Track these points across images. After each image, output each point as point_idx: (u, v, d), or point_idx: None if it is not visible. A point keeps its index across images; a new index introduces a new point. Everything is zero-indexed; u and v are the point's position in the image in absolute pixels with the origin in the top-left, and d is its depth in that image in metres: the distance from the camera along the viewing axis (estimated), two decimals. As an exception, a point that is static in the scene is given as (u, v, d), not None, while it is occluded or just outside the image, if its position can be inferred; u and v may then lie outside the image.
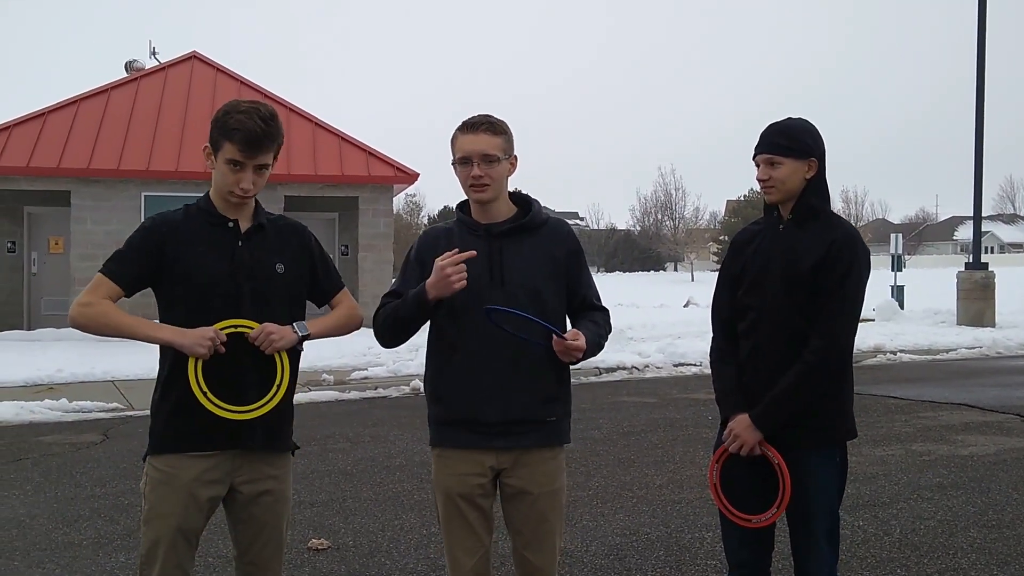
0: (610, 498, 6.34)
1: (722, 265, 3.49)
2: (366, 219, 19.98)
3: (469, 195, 3.15)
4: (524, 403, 3.11)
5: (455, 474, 3.15)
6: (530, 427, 3.13)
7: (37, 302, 19.80)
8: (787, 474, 3.16)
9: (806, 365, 3.12)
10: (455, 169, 3.15)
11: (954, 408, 9.99)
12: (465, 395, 3.10)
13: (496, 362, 3.07)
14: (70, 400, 10.43)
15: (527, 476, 3.15)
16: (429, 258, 3.09)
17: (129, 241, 3.04)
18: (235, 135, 2.92)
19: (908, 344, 16.33)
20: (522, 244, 3.16)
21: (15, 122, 18.92)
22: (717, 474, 3.34)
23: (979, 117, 20.29)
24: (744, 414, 3.22)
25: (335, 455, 7.79)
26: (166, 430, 3.01)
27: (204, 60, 22.01)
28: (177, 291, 3.00)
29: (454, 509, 3.16)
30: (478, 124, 3.11)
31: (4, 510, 6.20)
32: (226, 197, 3.03)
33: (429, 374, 3.23)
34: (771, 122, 3.30)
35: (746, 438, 3.20)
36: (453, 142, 3.14)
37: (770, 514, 3.22)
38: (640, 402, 10.70)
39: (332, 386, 11.96)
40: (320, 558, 5.17)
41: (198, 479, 2.99)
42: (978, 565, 4.92)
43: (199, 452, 2.99)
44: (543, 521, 3.18)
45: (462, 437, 3.13)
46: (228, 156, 2.95)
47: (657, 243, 76.13)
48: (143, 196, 18.71)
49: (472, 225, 3.17)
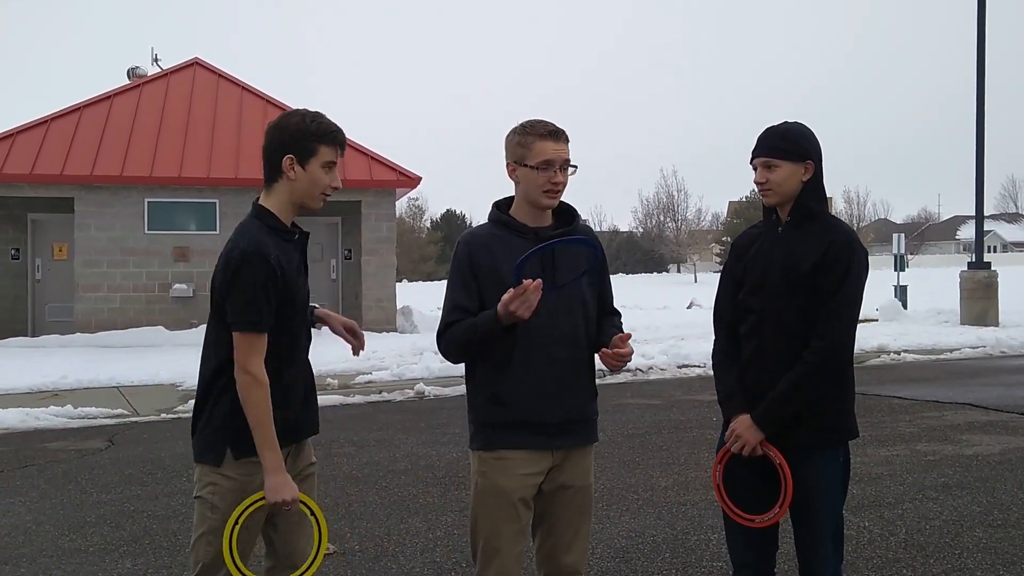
0: (615, 500, 6.34)
1: (724, 267, 3.53)
2: (369, 223, 20.00)
3: (541, 200, 3.15)
4: (579, 402, 3.23)
5: (516, 475, 3.15)
6: (581, 425, 3.26)
7: (41, 309, 19.85)
8: (789, 474, 3.18)
9: (807, 365, 3.15)
10: (520, 171, 3.15)
11: (958, 408, 9.98)
12: (529, 397, 3.13)
13: (553, 365, 3.14)
14: (75, 406, 10.43)
15: (569, 471, 3.24)
16: (485, 264, 3.14)
17: (248, 285, 2.92)
18: (336, 136, 3.05)
19: (912, 344, 16.32)
20: (568, 249, 3.19)
21: (19, 129, 18.99)
22: (720, 474, 3.36)
23: (980, 116, 20.28)
24: (746, 414, 3.25)
25: (340, 459, 7.79)
26: (247, 435, 2.94)
27: (206, 66, 22.06)
28: (285, 315, 3.03)
29: (511, 512, 3.16)
30: (560, 132, 3.16)
31: (10, 517, 6.22)
32: (314, 202, 3.09)
33: (485, 377, 3.19)
34: (767, 126, 3.34)
35: (748, 438, 3.22)
36: (527, 145, 3.13)
37: (772, 513, 3.24)
38: (644, 404, 10.70)
39: (336, 390, 11.98)
40: (326, 563, 5.16)
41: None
42: (984, 565, 4.92)
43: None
44: (579, 514, 3.28)
45: (526, 439, 3.15)
46: (327, 159, 3.04)
47: (660, 245, 76.12)
48: (146, 202, 18.77)
49: (520, 228, 3.19)
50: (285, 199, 3.08)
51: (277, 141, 3.04)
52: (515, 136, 3.18)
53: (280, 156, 3.03)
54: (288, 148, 3.02)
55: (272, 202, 3.08)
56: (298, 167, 3.02)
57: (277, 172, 3.05)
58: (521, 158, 3.14)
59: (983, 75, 20.21)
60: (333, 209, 20.66)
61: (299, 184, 3.05)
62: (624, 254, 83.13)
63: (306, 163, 3.02)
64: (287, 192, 3.07)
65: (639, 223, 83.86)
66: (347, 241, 21.23)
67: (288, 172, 3.03)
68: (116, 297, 18.50)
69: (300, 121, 3.03)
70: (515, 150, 3.17)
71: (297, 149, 3.01)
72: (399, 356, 14.68)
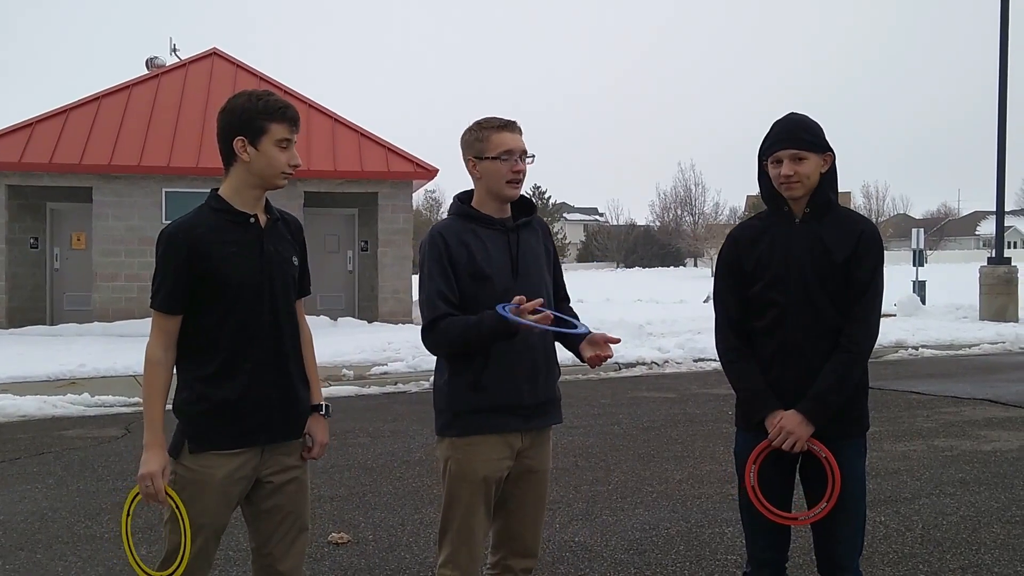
0: (630, 493, 6.33)
1: (722, 262, 3.41)
2: (386, 215, 20.01)
3: (504, 191, 3.25)
4: (550, 384, 3.36)
5: (490, 459, 3.23)
6: (553, 406, 3.39)
7: (59, 297, 19.96)
8: (836, 467, 3.14)
9: (850, 355, 3.13)
10: (481, 165, 3.25)
11: (976, 403, 9.92)
12: (507, 382, 3.22)
13: (530, 349, 3.23)
14: (92, 395, 10.50)
15: (537, 455, 3.35)
16: (461, 256, 3.20)
17: (161, 264, 2.96)
18: (285, 113, 2.98)
19: (930, 339, 16.22)
20: (529, 239, 3.35)
21: (38, 119, 19.09)
22: (755, 475, 3.25)
23: (1002, 111, 20.13)
24: (791, 411, 3.15)
25: (355, 450, 7.81)
26: (206, 429, 2.97)
27: (224, 57, 22.10)
28: (211, 294, 2.97)
29: (482, 495, 3.24)
30: (514, 123, 3.28)
31: (27, 503, 6.25)
32: (275, 181, 3.03)
33: (464, 366, 3.22)
34: (778, 119, 3.30)
35: (800, 433, 3.13)
36: (484, 139, 3.24)
37: (819, 509, 3.17)
38: (660, 397, 10.68)
39: (352, 381, 11.99)
40: (340, 552, 5.19)
41: (229, 477, 2.97)
42: (1002, 561, 4.88)
43: (232, 450, 2.98)
44: (541, 497, 3.39)
45: (502, 422, 3.23)
46: (279, 136, 2.97)
47: (676, 239, 75.86)
48: (164, 192, 18.85)
49: (487, 220, 3.28)
50: (240, 181, 3.03)
51: (227, 124, 2.99)
52: (470, 133, 3.28)
53: (231, 139, 2.98)
54: (238, 130, 2.96)
55: (226, 185, 3.05)
56: (251, 148, 2.97)
57: (231, 156, 3.00)
58: (480, 152, 3.24)
59: (1005, 71, 20.05)
60: (350, 200, 20.69)
61: (254, 165, 2.99)
62: (641, 248, 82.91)
63: (258, 143, 2.96)
64: (243, 174, 3.02)
65: (656, 217, 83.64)
66: (364, 232, 21.25)
67: (241, 154, 2.98)
68: (134, 286, 18.57)
69: (246, 101, 2.97)
70: (473, 145, 3.26)
71: (247, 130, 2.96)
72: (415, 347, 14.64)
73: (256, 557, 3.16)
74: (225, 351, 2.98)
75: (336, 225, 21.05)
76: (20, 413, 9.72)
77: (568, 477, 6.78)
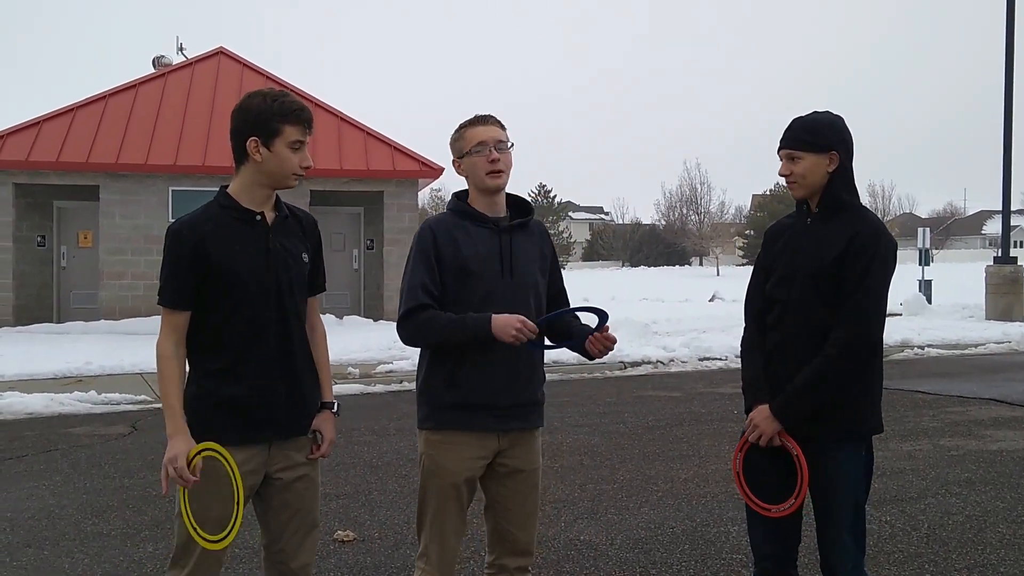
0: (635, 492, 6.34)
1: (757, 257, 3.53)
2: (391, 213, 20.03)
3: (485, 182, 3.27)
4: (530, 387, 3.34)
5: (464, 458, 3.25)
6: (531, 409, 3.36)
7: (66, 295, 20.00)
8: (805, 465, 3.17)
9: (826, 358, 3.13)
10: (463, 163, 3.32)
11: (982, 403, 9.90)
12: (484, 381, 3.22)
13: (509, 350, 3.18)
14: (99, 392, 10.52)
15: (522, 455, 3.34)
16: (448, 251, 3.24)
17: (167, 260, 2.99)
18: (300, 115, 2.98)
19: (936, 339, 16.19)
20: (523, 240, 3.36)
21: (45, 117, 19.13)
22: (740, 463, 3.35)
23: (1008, 110, 20.08)
24: (764, 404, 3.24)
25: (361, 448, 7.82)
26: (212, 424, 2.98)
27: (231, 56, 22.12)
28: (218, 291, 2.98)
29: (454, 493, 3.26)
30: (488, 117, 3.34)
31: (34, 501, 6.27)
32: (286, 182, 3.04)
33: (443, 361, 3.26)
34: (795, 116, 3.31)
35: (764, 428, 3.22)
36: (460, 138, 3.32)
37: (788, 504, 3.22)
38: (665, 396, 10.67)
39: (358, 379, 12.01)
40: (346, 550, 5.20)
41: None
42: (1007, 561, 4.88)
43: (241, 445, 2.99)
44: (531, 496, 3.39)
45: (476, 421, 3.24)
46: (293, 138, 2.98)
47: (682, 237, 75.88)
48: (170, 190, 18.87)
49: (480, 217, 3.30)
50: (250, 180, 3.03)
51: (241, 123, 2.99)
52: (452, 136, 3.36)
53: (244, 138, 2.98)
54: (252, 130, 2.97)
55: (236, 183, 3.06)
56: (263, 149, 2.97)
57: (243, 155, 3.01)
58: (460, 150, 3.32)
59: (1011, 69, 20.01)
60: (355, 199, 20.70)
61: (266, 165, 2.99)
62: (646, 247, 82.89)
63: (271, 144, 2.97)
64: (254, 173, 3.02)
65: (662, 216, 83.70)
66: (369, 231, 21.26)
67: (254, 155, 2.98)
68: (140, 285, 18.60)
69: (262, 102, 2.97)
70: (455, 146, 3.34)
71: (261, 130, 2.96)
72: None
73: (267, 555, 3.18)
74: (232, 348, 2.99)
75: (342, 224, 21.06)
76: (27, 410, 9.75)
77: (573, 475, 6.79)
